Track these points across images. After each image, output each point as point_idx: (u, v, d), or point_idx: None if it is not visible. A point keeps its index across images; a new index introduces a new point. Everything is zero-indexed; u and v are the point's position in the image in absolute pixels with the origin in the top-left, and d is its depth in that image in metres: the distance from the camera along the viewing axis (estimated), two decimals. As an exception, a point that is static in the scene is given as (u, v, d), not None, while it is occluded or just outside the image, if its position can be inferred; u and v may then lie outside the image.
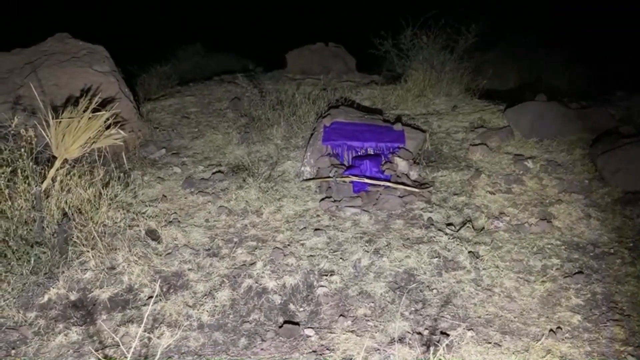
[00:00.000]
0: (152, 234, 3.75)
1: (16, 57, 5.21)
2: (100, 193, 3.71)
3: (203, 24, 13.20)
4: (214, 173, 4.67)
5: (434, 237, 3.64)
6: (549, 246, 3.51)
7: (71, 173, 3.66)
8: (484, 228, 3.73)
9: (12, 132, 3.57)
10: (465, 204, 4.06)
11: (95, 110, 3.90)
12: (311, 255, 3.55)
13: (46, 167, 3.64)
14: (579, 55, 9.30)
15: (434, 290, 3.15)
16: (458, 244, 3.52)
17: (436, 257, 3.43)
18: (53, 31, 5.64)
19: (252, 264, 3.48)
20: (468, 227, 3.72)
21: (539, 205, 3.96)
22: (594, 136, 4.70)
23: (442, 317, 2.94)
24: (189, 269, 3.43)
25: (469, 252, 3.43)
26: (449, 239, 3.59)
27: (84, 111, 3.81)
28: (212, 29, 12.63)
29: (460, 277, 3.25)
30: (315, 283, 3.31)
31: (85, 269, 3.37)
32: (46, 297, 3.17)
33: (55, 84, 4.86)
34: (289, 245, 3.68)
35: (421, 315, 2.97)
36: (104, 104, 4.33)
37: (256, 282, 3.31)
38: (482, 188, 4.25)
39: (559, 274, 3.23)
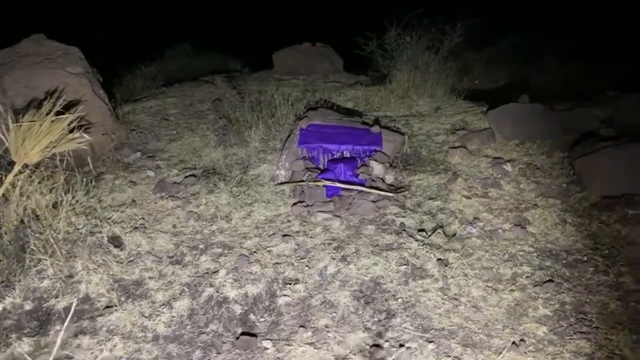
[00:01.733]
0: (115, 241, 3.66)
1: (-11, 58, 5.12)
2: (59, 199, 3.61)
3: (193, 24, 13.11)
4: (186, 177, 4.58)
5: (404, 243, 3.54)
6: (521, 253, 3.40)
7: (31, 178, 3.57)
8: (455, 234, 3.62)
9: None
10: (439, 209, 3.96)
11: (60, 113, 3.81)
12: (277, 263, 3.45)
13: (5, 173, 3.54)
14: (575, 54, 9.17)
15: (399, 300, 3.05)
16: (428, 251, 3.42)
17: (404, 264, 3.33)
18: (40, 31, 5.55)
19: (215, 272, 3.38)
20: (439, 233, 3.62)
21: (514, 211, 3.86)
22: (576, 138, 4.59)
23: (405, 328, 2.84)
24: (150, 277, 3.34)
25: (438, 259, 3.33)
26: (419, 245, 3.49)
27: (47, 114, 3.72)
28: (202, 29, 12.53)
29: (427, 285, 3.15)
30: (278, 292, 3.21)
31: (43, 278, 3.27)
32: (1, 307, 3.08)
33: (26, 86, 4.77)
34: (255, 252, 3.58)
35: (383, 326, 2.87)
36: (70, 107, 4.23)
37: (217, 292, 3.21)
38: (458, 192, 4.14)
39: (529, 282, 3.12)
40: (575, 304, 2.93)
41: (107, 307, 3.10)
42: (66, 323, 2.20)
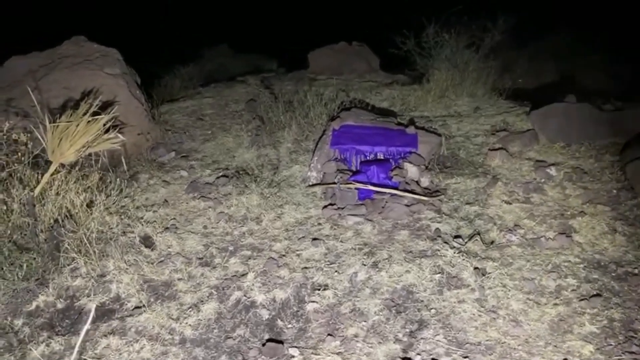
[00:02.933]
0: (147, 241, 3.67)
1: (32, 60, 5.28)
2: (93, 198, 3.65)
3: (230, 25, 13.23)
4: (218, 177, 4.56)
5: (439, 250, 3.38)
6: (566, 264, 3.18)
7: (67, 178, 3.63)
8: (494, 242, 3.43)
9: (11, 136, 3.57)
10: (477, 215, 3.77)
11: (96, 114, 3.86)
12: (306, 267, 3.36)
13: (41, 172, 3.62)
14: (623, 52, 8.65)
15: (433, 310, 2.91)
16: (464, 259, 3.25)
17: (439, 272, 3.18)
18: (82, 33, 5.70)
19: (243, 275, 3.33)
20: (477, 240, 3.44)
21: (559, 218, 3.63)
22: (627, 141, 4.29)
23: (438, 341, 2.69)
24: (179, 279, 3.32)
25: (475, 268, 3.16)
26: (454, 253, 3.32)
27: (84, 115, 3.77)
28: (239, 30, 12.63)
29: (463, 296, 2.98)
30: (306, 298, 3.12)
31: (76, 276, 3.31)
32: (34, 304, 3.14)
33: (65, 87, 4.89)
34: (284, 255, 3.51)
35: (415, 337, 2.73)
36: (107, 107, 4.29)
37: (245, 295, 3.16)
38: (498, 197, 3.94)
39: (574, 296, 2.91)
40: (625, 320, 2.70)
41: (137, 307, 3.10)
42: (86, 326, 2.17)
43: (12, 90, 4.79)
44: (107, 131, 3.92)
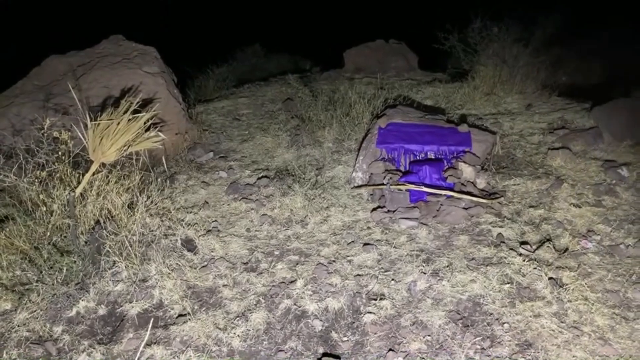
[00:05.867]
0: (189, 244, 3.49)
1: (71, 59, 5.21)
2: (134, 199, 3.49)
3: (262, 25, 13.12)
4: (259, 178, 4.37)
5: (506, 257, 3.08)
6: (653, 274, 2.84)
7: (108, 178, 3.48)
8: (567, 249, 3.11)
9: (51, 134, 3.44)
10: (543, 219, 3.45)
11: (136, 112, 3.71)
12: (359, 275, 3.12)
13: (81, 172, 3.48)
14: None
15: (505, 325, 2.61)
16: (535, 268, 2.94)
17: (508, 282, 2.88)
18: (117, 32, 5.64)
19: (292, 282, 3.11)
20: (548, 247, 3.12)
21: (637, 223, 3.28)
22: None
23: (515, 360, 2.41)
24: (224, 285, 3.12)
25: (550, 278, 2.85)
26: (523, 260, 3.02)
27: (124, 113, 3.63)
28: (272, 30, 12.50)
29: (539, 309, 2.68)
30: (362, 308, 2.87)
31: (117, 281, 3.15)
32: (74, 311, 2.97)
33: (105, 85, 4.78)
34: (334, 261, 3.27)
35: (489, 356, 2.45)
36: (146, 105, 4.15)
37: (295, 304, 2.93)
38: (565, 200, 3.61)
39: (669, 311, 2.58)
40: None
41: (181, 315, 2.91)
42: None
43: (51, 88, 4.71)
44: (147, 130, 3.76)
